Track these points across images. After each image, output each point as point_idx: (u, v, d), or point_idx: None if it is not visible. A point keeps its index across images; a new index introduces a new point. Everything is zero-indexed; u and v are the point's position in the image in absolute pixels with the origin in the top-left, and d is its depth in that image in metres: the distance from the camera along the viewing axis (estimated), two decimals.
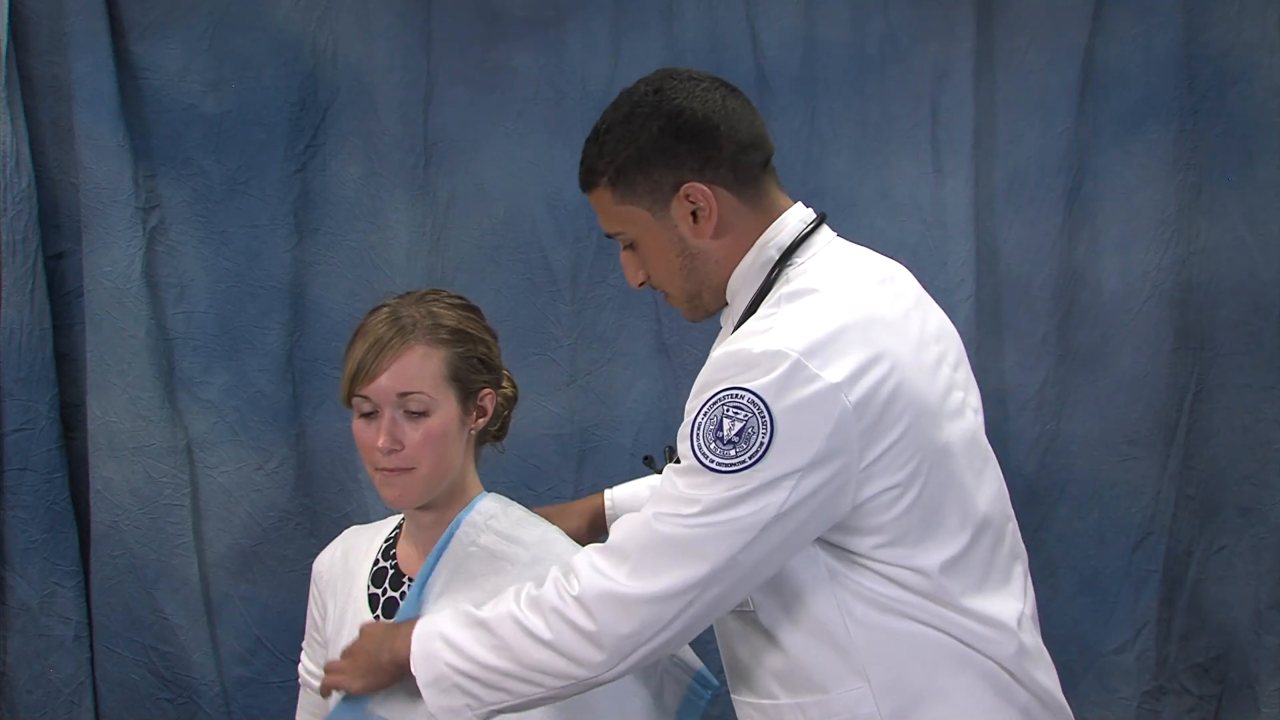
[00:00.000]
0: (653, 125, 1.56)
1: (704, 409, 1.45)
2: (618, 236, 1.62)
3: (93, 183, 2.51)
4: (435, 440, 1.66)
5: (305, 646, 1.87)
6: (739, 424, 1.43)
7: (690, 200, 1.54)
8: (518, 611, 1.49)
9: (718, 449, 1.43)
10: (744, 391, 1.43)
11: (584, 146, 1.63)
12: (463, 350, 1.69)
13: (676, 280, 1.60)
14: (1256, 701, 2.58)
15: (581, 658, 1.45)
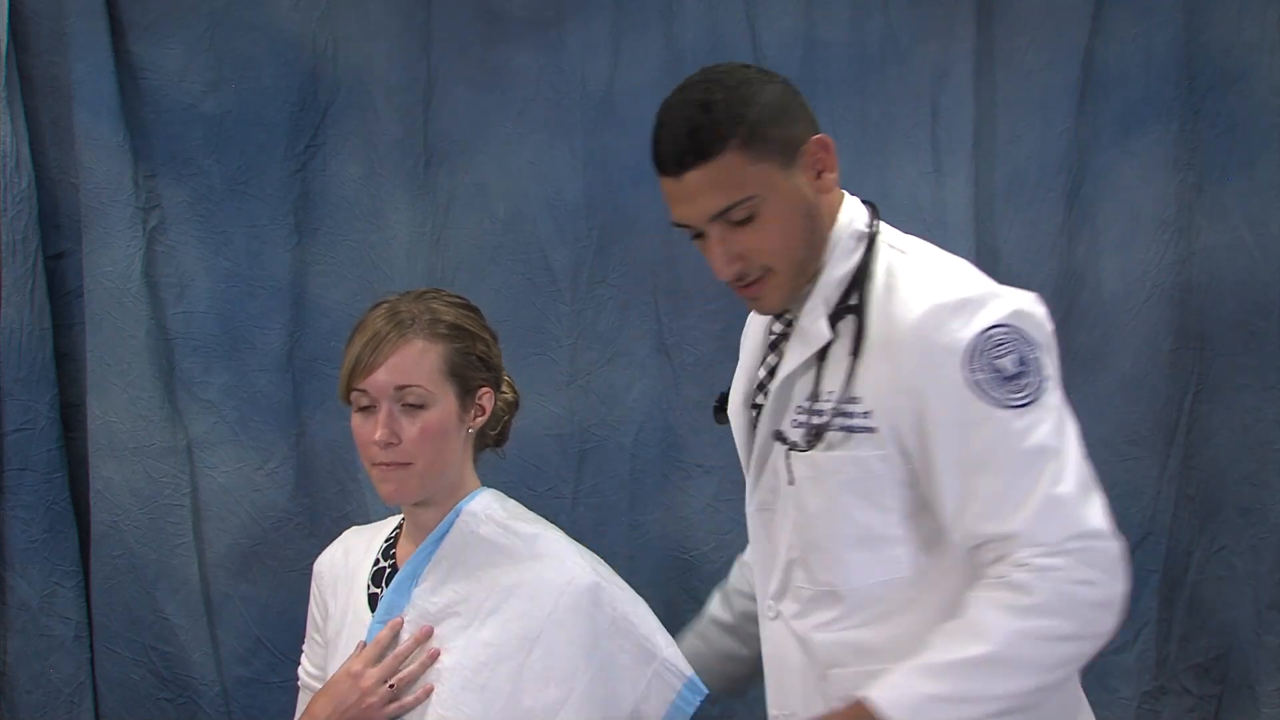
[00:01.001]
0: (770, 86, 1.57)
1: (968, 367, 1.48)
2: (734, 211, 1.56)
3: (93, 183, 2.51)
4: (433, 435, 1.66)
5: (305, 648, 1.87)
6: (1011, 355, 1.49)
7: (815, 155, 1.57)
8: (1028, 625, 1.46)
9: (1013, 388, 1.49)
10: (993, 329, 1.49)
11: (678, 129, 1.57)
12: (461, 346, 1.70)
13: (794, 247, 1.58)
14: (1256, 701, 2.58)
15: (1105, 629, 1.49)
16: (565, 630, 1.67)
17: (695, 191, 1.56)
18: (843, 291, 1.59)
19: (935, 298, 1.51)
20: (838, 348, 1.59)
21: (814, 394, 1.60)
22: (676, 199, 1.58)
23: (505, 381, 1.82)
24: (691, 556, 2.64)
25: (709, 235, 1.58)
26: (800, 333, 1.62)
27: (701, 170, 1.55)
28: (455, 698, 1.65)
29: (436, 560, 1.71)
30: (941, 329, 1.49)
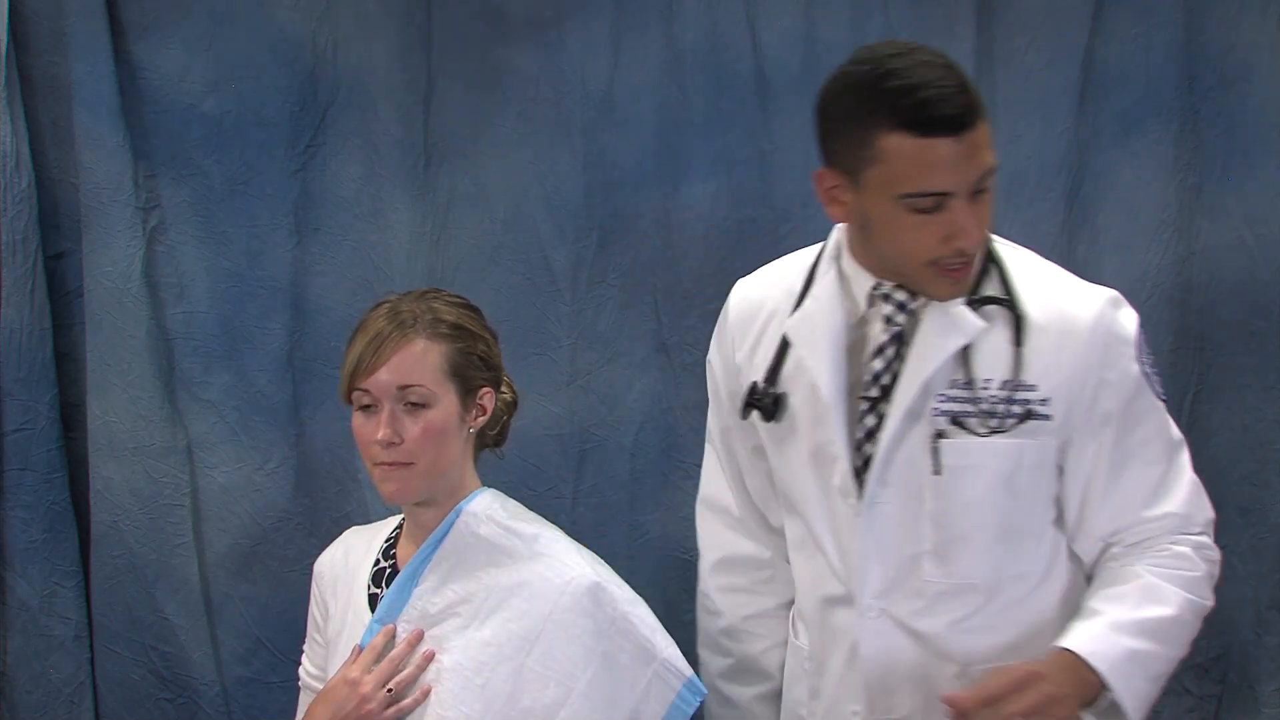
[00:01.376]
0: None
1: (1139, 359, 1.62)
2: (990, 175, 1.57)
3: (93, 183, 2.51)
4: (435, 434, 1.66)
5: (306, 648, 1.87)
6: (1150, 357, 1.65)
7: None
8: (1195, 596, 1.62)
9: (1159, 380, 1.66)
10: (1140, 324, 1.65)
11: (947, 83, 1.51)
12: (462, 346, 1.70)
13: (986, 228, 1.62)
14: (1256, 701, 2.58)
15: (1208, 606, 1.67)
16: (565, 630, 1.67)
17: (977, 147, 1.52)
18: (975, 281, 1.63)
19: (1098, 291, 1.63)
20: (992, 336, 1.61)
21: (968, 381, 1.61)
22: (949, 165, 1.51)
23: (504, 381, 1.82)
24: (691, 556, 2.63)
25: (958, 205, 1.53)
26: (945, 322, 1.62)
27: (976, 130, 1.52)
28: (455, 697, 1.65)
29: (437, 561, 1.72)
30: (1116, 322, 1.60)
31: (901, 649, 1.68)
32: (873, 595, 1.68)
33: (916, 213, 1.54)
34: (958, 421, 1.60)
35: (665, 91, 2.59)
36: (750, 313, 1.83)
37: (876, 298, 1.68)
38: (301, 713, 1.84)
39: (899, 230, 1.56)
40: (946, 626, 1.65)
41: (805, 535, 1.78)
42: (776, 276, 1.84)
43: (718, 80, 2.58)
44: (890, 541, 1.66)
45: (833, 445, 1.69)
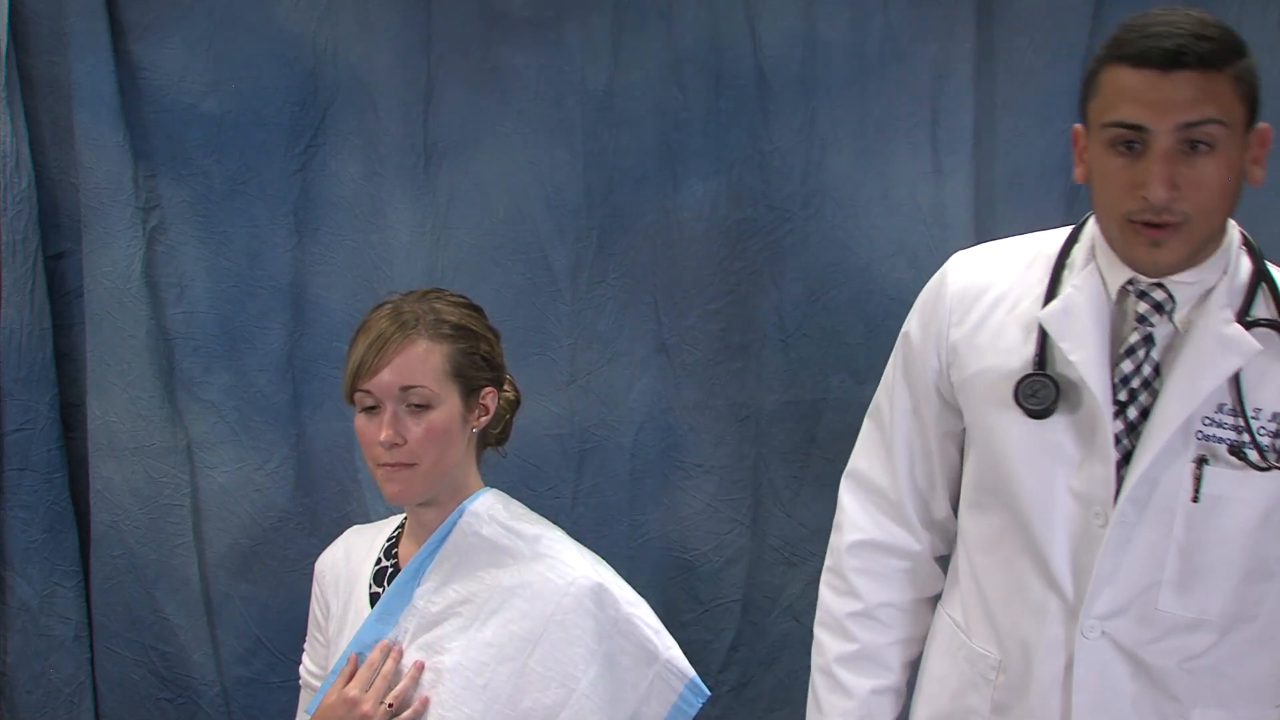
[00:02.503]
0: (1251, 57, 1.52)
1: None
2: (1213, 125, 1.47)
3: (93, 183, 2.51)
4: (437, 435, 1.66)
5: (306, 647, 1.87)
6: None
7: (1262, 141, 1.54)
8: None
9: None
10: None
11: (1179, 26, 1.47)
12: (465, 346, 1.70)
13: (1219, 209, 1.53)
14: None
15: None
16: (567, 631, 1.67)
17: (1180, 92, 1.46)
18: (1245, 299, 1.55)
19: None
20: (1263, 360, 1.52)
21: (1236, 408, 1.52)
22: (1151, 96, 1.46)
23: (507, 380, 1.82)
24: (691, 556, 2.64)
25: (1153, 150, 1.47)
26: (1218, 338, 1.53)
27: (1196, 74, 1.45)
28: (456, 698, 1.65)
29: (439, 561, 1.72)
30: None
31: (1119, 678, 1.58)
32: (1099, 615, 1.57)
33: (1118, 154, 1.50)
34: (1233, 450, 1.52)
35: (665, 91, 2.59)
36: (976, 291, 1.70)
37: (1130, 292, 1.59)
38: (301, 711, 1.84)
39: (1104, 175, 1.52)
40: (1176, 663, 1.56)
41: (1012, 536, 1.65)
42: (1005, 258, 1.72)
43: (718, 80, 2.58)
44: (1131, 564, 1.56)
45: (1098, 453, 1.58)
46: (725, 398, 2.60)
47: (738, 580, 2.60)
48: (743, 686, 2.56)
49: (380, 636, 1.70)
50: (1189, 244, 1.52)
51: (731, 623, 2.59)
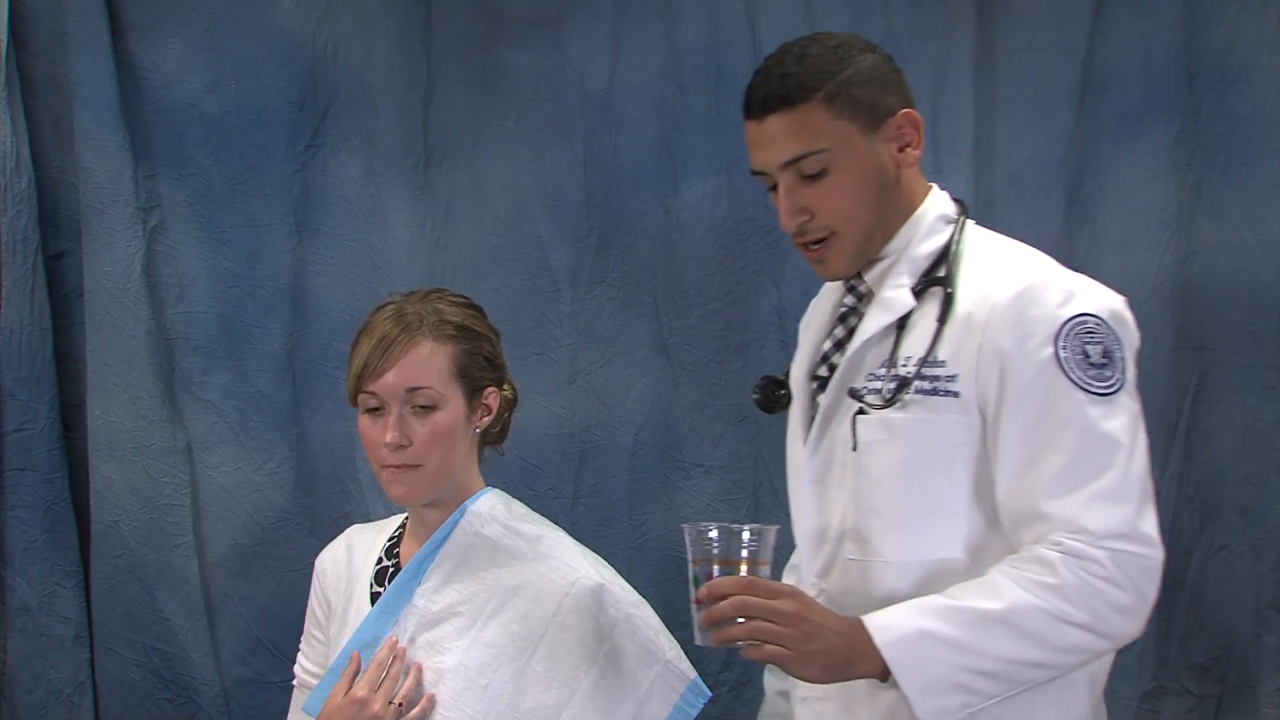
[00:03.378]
0: (869, 54, 1.60)
1: (1058, 343, 1.50)
2: (806, 161, 1.56)
3: (93, 183, 2.51)
4: (443, 436, 1.66)
5: (303, 646, 1.87)
6: (1099, 345, 1.51)
7: (902, 129, 1.58)
8: (1041, 603, 1.44)
9: (1097, 375, 1.50)
10: (1087, 316, 1.52)
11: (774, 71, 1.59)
12: (468, 347, 1.70)
13: (862, 215, 1.59)
14: (1256, 701, 2.58)
15: (1121, 633, 1.48)
16: (568, 632, 1.67)
17: (773, 137, 1.57)
18: (929, 266, 1.60)
19: (1038, 276, 1.54)
20: (921, 315, 1.58)
21: (891, 360, 1.58)
22: (756, 144, 1.60)
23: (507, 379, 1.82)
24: None
25: (780, 185, 1.59)
26: (881, 301, 1.61)
27: (782, 115, 1.57)
28: (458, 698, 1.64)
29: (440, 560, 1.71)
30: (1039, 302, 1.51)
31: None
32: (814, 574, 1.64)
33: (771, 190, 1.62)
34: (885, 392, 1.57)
35: (665, 91, 2.60)
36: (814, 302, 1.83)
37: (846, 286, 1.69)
38: (294, 710, 1.83)
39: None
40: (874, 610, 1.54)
41: None
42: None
43: (718, 80, 2.58)
44: (824, 519, 1.64)
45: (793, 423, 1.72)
46: (725, 398, 2.60)
47: None
48: (743, 686, 2.56)
49: (380, 635, 1.69)
50: (846, 251, 1.61)
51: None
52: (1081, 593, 1.44)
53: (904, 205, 1.61)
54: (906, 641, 1.45)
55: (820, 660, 1.46)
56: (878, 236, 1.61)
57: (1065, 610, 1.44)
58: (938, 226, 1.62)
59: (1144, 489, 1.49)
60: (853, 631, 1.46)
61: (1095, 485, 1.47)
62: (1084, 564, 1.44)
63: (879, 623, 1.46)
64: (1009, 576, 1.47)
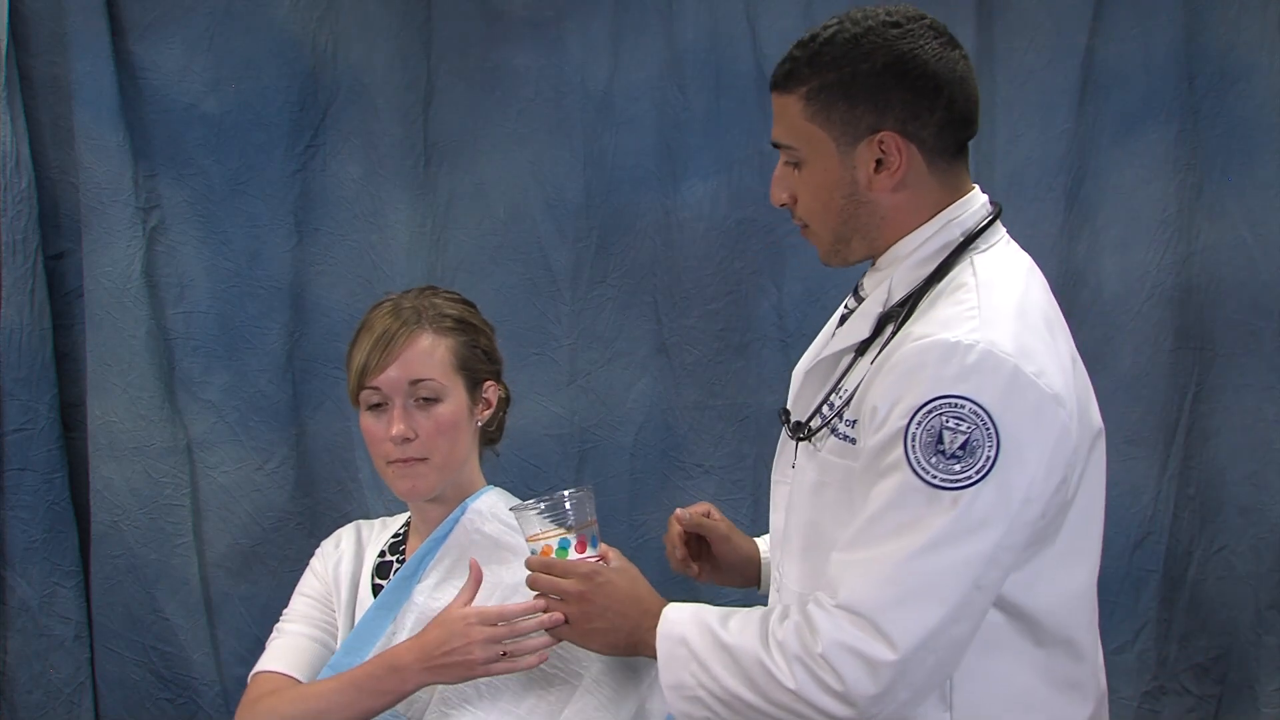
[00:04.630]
0: (878, 59, 1.44)
1: (918, 419, 1.34)
2: (784, 150, 1.50)
3: (93, 183, 2.51)
4: (447, 428, 1.67)
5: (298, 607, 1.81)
6: (962, 436, 1.34)
7: (881, 148, 1.45)
8: (763, 654, 1.40)
9: (940, 463, 1.34)
10: (965, 401, 1.34)
11: (794, 47, 1.48)
12: (467, 339, 1.71)
13: (829, 220, 1.51)
14: (1256, 701, 2.58)
15: (831, 712, 1.37)
16: None
17: (774, 112, 1.51)
18: (909, 292, 1.48)
19: (944, 332, 1.37)
20: (874, 349, 1.48)
21: (836, 387, 1.52)
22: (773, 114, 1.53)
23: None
24: None
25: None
26: (855, 321, 1.54)
27: (776, 96, 1.50)
28: (460, 694, 1.64)
29: (440, 557, 1.72)
30: (925, 368, 1.36)
31: None
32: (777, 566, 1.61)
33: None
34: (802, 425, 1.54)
35: (665, 91, 2.60)
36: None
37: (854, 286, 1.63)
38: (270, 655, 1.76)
39: None
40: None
41: None
42: None
43: (718, 80, 2.58)
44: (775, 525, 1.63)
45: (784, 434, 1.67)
46: (725, 398, 2.60)
47: None
48: None
49: (380, 629, 1.69)
50: (821, 244, 1.55)
51: None
52: (792, 661, 1.37)
53: (892, 219, 1.50)
54: (670, 641, 1.47)
55: (601, 638, 1.53)
56: (854, 243, 1.52)
57: (778, 668, 1.38)
58: (930, 253, 1.49)
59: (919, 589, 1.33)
60: (643, 617, 1.51)
61: (865, 555, 1.36)
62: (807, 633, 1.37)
63: (669, 615, 1.49)
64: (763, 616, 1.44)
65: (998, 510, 1.34)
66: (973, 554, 1.34)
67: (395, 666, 1.59)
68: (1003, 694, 1.44)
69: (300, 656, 1.71)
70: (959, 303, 1.41)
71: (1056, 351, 1.42)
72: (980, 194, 1.55)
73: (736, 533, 1.77)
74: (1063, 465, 1.38)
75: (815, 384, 1.58)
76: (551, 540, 1.56)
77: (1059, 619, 1.45)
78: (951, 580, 1.34)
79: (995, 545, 1.34)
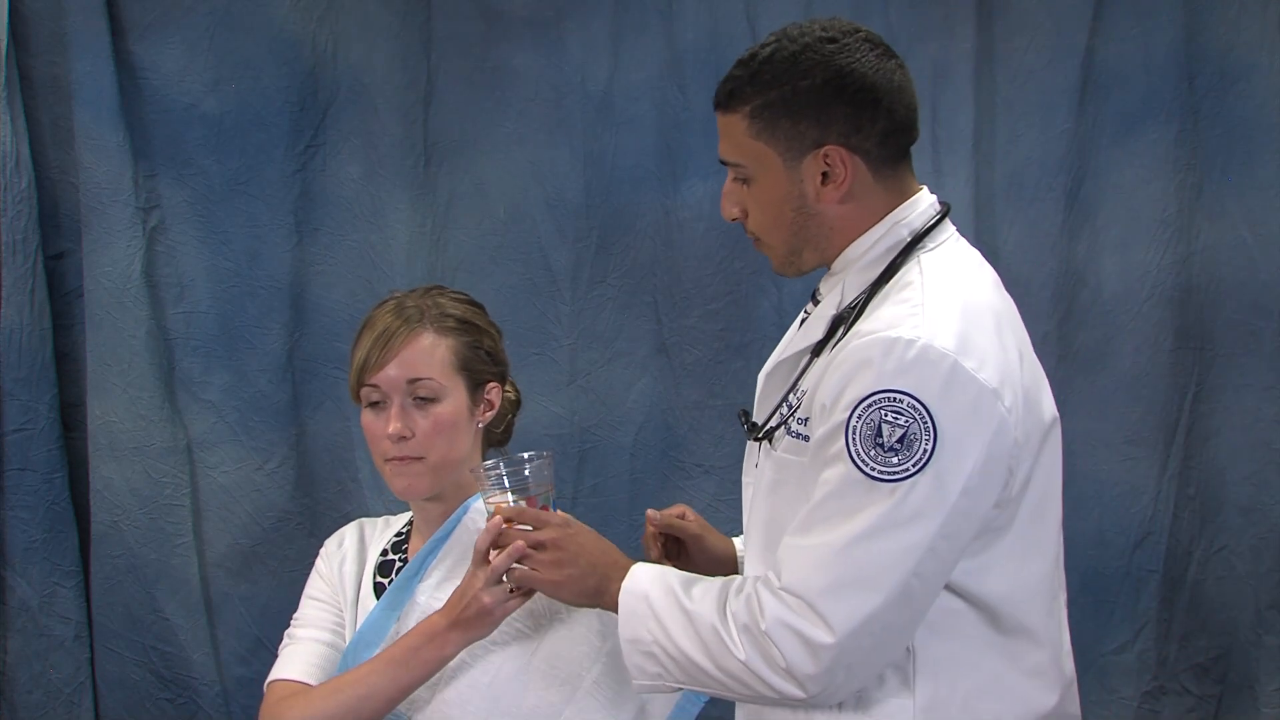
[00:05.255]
0: (816, 75, 1.47)
1: (858, 412, 1.38)
2: (733, 168, 1.53)
3: (93, 183, 2.51)
4: (445, 428, 1.67)
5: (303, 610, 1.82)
6: (900, 430, 1.38)
7: (827, 162, 1.48)
8: (718, 621, 1.45)
9: (878, 456, 1.38)
10: (903, 395, 1.37)
11: (734, 66, 1.52)
12: (470, 340, 1.71)
13: (780, 233, 1.53)
14: (1256, 701, 2.58)
15: (777, 688, 1.42)
16: (571, 629, 1.67)
17: (720, 131, 1.54)
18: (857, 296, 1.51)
19: (887, 328, 1.41)
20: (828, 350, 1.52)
21: (793, 386, 1.55)
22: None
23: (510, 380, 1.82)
24: None
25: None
26: (810, 324, 1.57)
27: (720, 115, 1.53)
28: (460, 694, 1.64)
29: (441, 557, 1.72)
30: (869, 364, 1.40)
31: None
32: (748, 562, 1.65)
33: None
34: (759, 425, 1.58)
35: (665, 91, 2.60)
36: None
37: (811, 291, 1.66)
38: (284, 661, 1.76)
39: None
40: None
41: None
42: None
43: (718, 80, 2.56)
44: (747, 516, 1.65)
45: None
46: (725, 398, 2.60)
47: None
48: None
49: (385, 629, 1.69)
50: (774, 257, 1.57)
51: None
52: (742, 632, 1.43)
53: (841, 228, 1.52)
54: (632, 597, 1.50)
55: (570, 586, 1.55)
56: (806, 254, 1.55)
57: (730, 637, 1.43)
58: (879, 254, 1.52)
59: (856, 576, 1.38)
60: (612, 568, 1.54)
61: (807, 541, 1.41)
62: (756, 608, 1.42)
63: (635, 572, 1.52)
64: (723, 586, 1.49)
65: (933, 502, 1.37)
66: (910, 543, 1.38)
67: (431, 634, 1.61)
68: (965, 679, 1.47)
69: (316, 662, 1.71)
70: (904, 301, 1.45)
71: (1002, 345, 1.44)
72: (929, 195, 1.57)
73: (712, 532, 1.79)
74: (1005, 457, 1.41)
75: (775, 386, 1.61)
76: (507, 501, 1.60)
77: (1016, 607, 1.48)
78: (888, 568, 1.38)
79: (933, 535, 1.38)
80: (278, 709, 1.65)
